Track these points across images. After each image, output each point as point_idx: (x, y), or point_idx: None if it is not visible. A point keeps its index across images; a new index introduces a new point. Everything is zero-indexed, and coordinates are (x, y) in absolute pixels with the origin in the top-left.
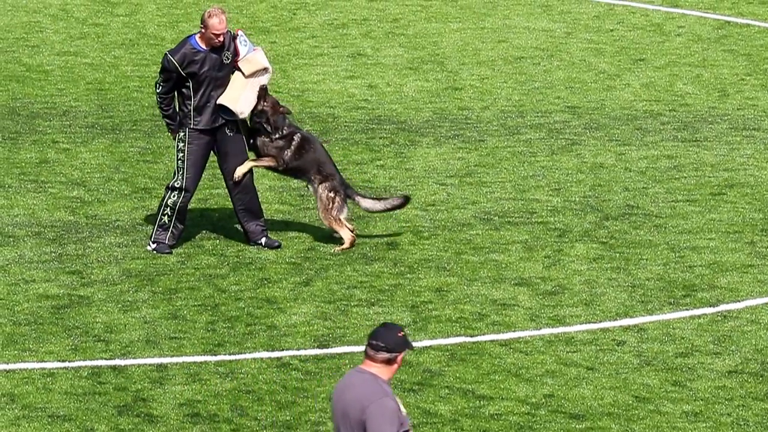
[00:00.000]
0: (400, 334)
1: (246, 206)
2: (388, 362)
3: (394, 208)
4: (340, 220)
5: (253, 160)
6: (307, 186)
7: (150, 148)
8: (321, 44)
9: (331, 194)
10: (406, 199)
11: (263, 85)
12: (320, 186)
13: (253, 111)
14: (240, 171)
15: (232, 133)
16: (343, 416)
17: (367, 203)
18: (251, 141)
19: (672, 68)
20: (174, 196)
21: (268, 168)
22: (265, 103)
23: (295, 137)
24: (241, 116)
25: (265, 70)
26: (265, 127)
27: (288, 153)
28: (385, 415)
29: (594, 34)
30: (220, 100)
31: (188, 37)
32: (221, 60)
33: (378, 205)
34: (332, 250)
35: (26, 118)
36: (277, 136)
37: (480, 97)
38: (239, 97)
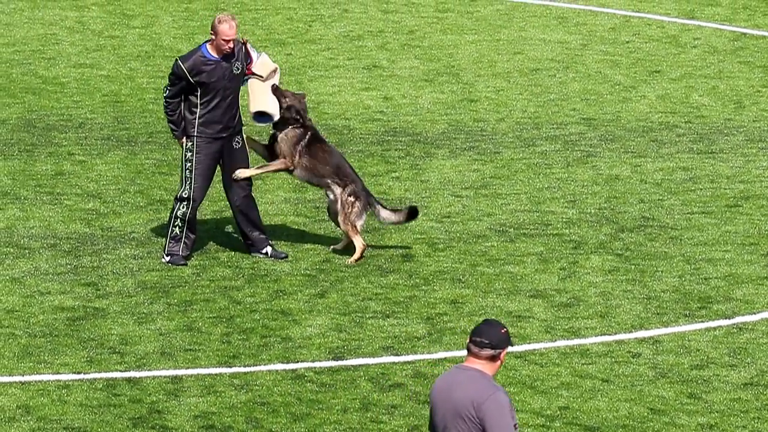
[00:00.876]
0: (503, 331)
1: (248, 218)
2: (492, 359)
3: (406, 220)
4: (356, 227)
5: (259, 167)
6: (326, 193)
7: (165, 160)
8: (336, 56)
9: (351, 198)
10: (414, 211)
11: (274, 84)
12: (342, 191)
13: (282, 110)
14: (244, 173)
15: (238, 146)
16: (454, 415)
17: (384, 213)
18: (271, 143)
19: (688, 80)
20: (183, 207)
21: (279, 170)
22: (287, 99)
23: (309, 133)
24: (276, 118)
25: (275, 71)
26: (297, 119)
27: (300, 146)
28: (502, 410)
29: (610, 45)
30: (254, 109)
31: (200, 45)
32: (231, 70)
33: (393, 217)
34: (346, 262)
35: (42, 130)
36: (291, 128)
37: (495, 108)
38: (267, 101)
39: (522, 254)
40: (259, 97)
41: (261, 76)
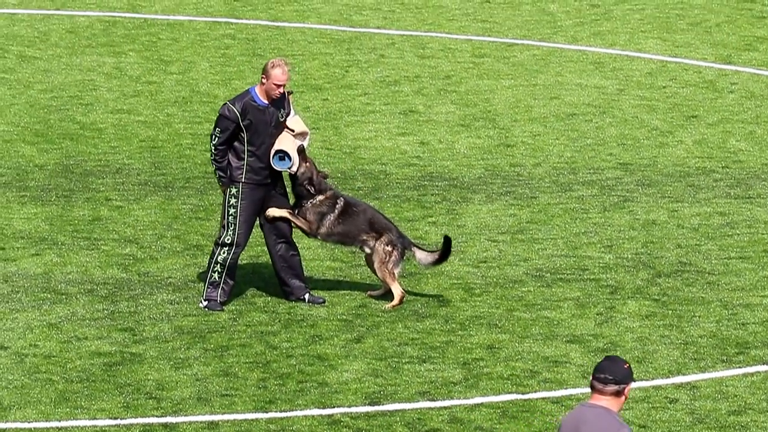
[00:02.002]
0: (625, 366)
1: (289, 264)
2: (617, 394)
3: (442, 256)
4: (394, 274)
5: (291, 213)
6: (362, 248)
7: (202, 206)
8: (373, 101)
9: (389, 248)
10: (447, 241)
11: (301, 145)
12: (377, 242)
13: (295, 174)
14: (275, 212)
15: (280, 192)
16: None
17: (420, 254)
18: (296, 211)
19: (725, 125)
20: (224, 253)
21: (301, 230)
22: (307, 164)
23: (339, 201)
24: (293, 168)
25: (306, 134)
26: (308, 189)
27: (330, 218)
28: None
29: (646, 90)
30: (277, 146)
31: (248, 89)
32: (277, 116)
33: (429, 258)
34: (383, 308)
35: (80, 175)
36: (319, 199)
37: (532, 153)
38: (291, 148)
39: (559, 299)
40: (284, 141)
41: (292, 131)
